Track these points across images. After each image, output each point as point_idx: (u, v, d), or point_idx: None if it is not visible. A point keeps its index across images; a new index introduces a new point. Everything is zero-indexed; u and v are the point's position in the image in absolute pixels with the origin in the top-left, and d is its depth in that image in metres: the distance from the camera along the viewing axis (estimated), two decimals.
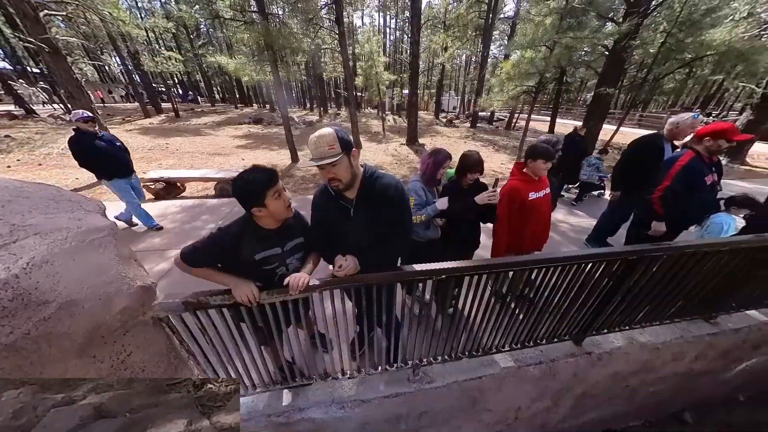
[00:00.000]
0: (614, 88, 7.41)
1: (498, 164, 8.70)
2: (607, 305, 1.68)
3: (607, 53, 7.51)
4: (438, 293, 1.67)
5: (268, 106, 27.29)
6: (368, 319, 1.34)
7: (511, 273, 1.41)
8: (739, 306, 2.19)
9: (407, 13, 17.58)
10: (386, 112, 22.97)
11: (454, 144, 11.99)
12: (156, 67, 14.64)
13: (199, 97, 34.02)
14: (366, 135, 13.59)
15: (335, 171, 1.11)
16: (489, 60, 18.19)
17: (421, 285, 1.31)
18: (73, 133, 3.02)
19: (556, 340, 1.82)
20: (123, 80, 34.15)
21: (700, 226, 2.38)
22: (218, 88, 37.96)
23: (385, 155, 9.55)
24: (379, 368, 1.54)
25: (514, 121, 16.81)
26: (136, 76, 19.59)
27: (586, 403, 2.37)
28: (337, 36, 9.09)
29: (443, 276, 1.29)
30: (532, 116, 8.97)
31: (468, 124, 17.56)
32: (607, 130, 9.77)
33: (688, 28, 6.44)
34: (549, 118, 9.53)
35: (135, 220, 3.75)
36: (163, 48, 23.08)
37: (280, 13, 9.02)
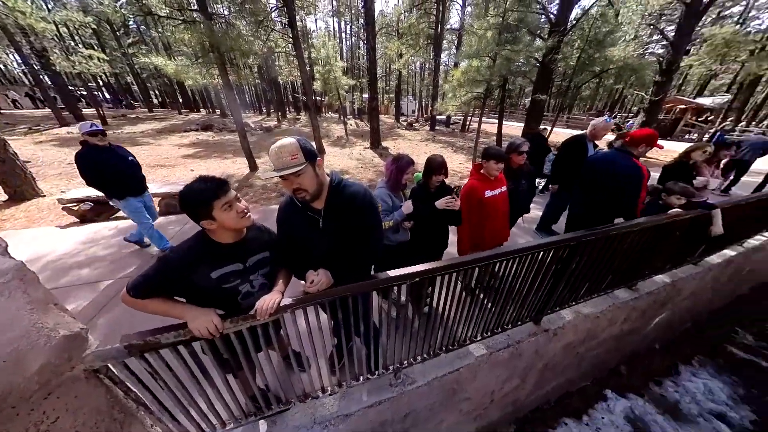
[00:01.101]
0: (545, 95, 8.35)
1: (457, 164, 9.14)
2: (557, 286, 1.85)
3: (538, 65, 8.40)
4: (413, 294, 1.67)
5: (218, 111, 25.09)
6: (346, 330, 1.27)
7: (477, 268, 1.47)
8: (650, 273, 2.58)
9: (362, 21, 17.63)
10: (348, 117, 22.74)
11: (416, 147, 12.30)
12: (73, 67, 12.38)
13: (133, 102, 29.89)
14: (328, 140, 13.27)
15: (300, 181, 1.04)
16: (441, 67, 19.11)
17: (396, 289, 1.28)
18: (80, 147, 2.64)
19: (519, 323, 1.95)
20: (28, 82, 28.37)
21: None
22: (156, 92, 33.75)
23: (350, 160, 9.41)
24: (361, 378, 1.48)
25: (468, 123, 17.88)
26: (46, 78, 16.32)
27: (547, 375, 2.58)
28: (291, 39, 8.72)
29: (417, 279, 1.28)
30: (483, 119, 9.63)
31: (427, 127, 18.20)
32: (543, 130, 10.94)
33: (596, 46, 7.64)
34: (497, 121, 10.34)
35: (147, 240, 3.32)
36: (81, 46, 19.70)
37: (226, 13, 8.33)
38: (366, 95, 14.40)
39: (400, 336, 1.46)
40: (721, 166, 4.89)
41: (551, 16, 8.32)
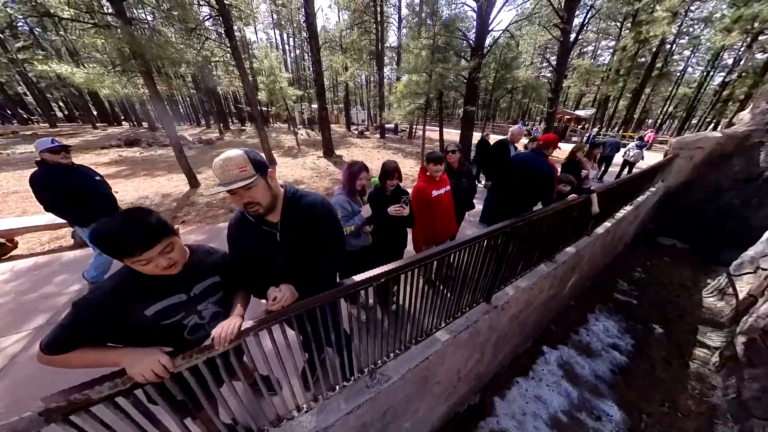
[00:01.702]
0: (474, 106, 9.30)
1: (408, 168, 9.48)
2: (500, 267, 2.04)
3: (465, 81, 9.30)
4: (380, 295, 1.66)
5: (146, 124, 21.53)
6: (317, 342, 1.19)
7: (435, 262, 1.53)
8: (562, 247, 3.05)
9: (305, 34, 17.13)
10: (298, 127, 21.76)
11: (369, 153, 12.38)
12: None
13: (29, 117, 23.65)
14: (279, 150, 12.48)
15: (251, 195, 0.93)
16: (385, 80, 19.72)
17: (363, 292, 1.25)
18: (36, 167, 2.15)
19: (474, 304, 2.10)
20: None
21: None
22: (61, 104, 27.40)
23: (304, 169, 9.00)
24: (337, 387, 1.40)
25: (414, 131, 18.77)
26: None
27: (500, 345, 2.83)
28: (229, 49, 7.99)
29: (383, 279, 1.27)
30: (427, 127, 10.25)
31: (378, 135, 18.52)
32: (476, 136, 12.13)
33: (505, 69, 8.92)
34: (438, 129, 11.13)
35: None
36: None
37: (150, 19, 7.21)
38: (315, 105, 14.05)
39: (371, 338, 1.43)
40: (596, 160, 6.16)
41: (471, 42, 9.35)
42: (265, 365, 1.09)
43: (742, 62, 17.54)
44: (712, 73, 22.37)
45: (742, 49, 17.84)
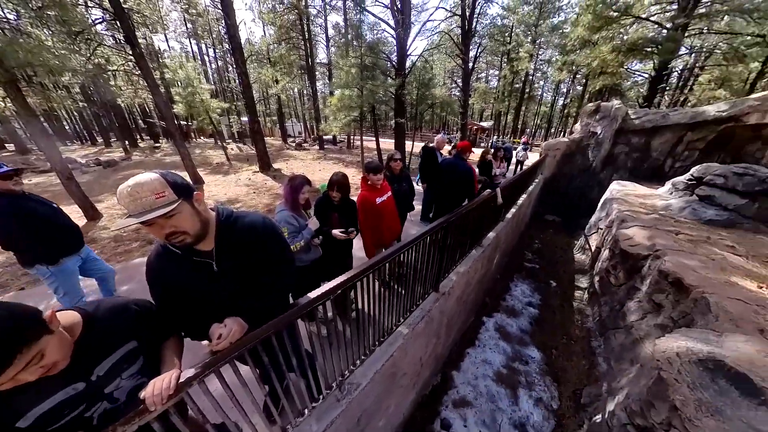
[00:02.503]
0: (403, 119, 9.96)
1: (350, 177, 9.39)
2: (443, 258, 2.20)
3: (393, 96, 9.87)
4: (339, 307, 1.58)
5: (11, 146, 15.66)
6: (277, 372, 1.04)
7: (387, 264, 1.55)
8: (486, 233, 3.52)
9: (227, 46, 15.29)
10: (227, 141, 19.17)
11: (310, 165, 11.79)
12: None
13: None
14: (207, 167, 10.75)
15: (175, 223, 0.75)
16: (319, 94, 19.26)
17: (321, 307, 1.16)
18: None
19: (426, 295, 2.21)
20: None
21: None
22: None
23: (238, 186, 7.96)
24: (306, 411, 1.26)
25: (352, 141, 18.79)
26: None
27: (451, 326, 3.04)
28: (131, 57, 6.52)
29: (339, 291, 1.21)
30: (364, 137, 10.41)
31: (317, 147, 17.86)
32: (407, 144, 12.94)
33: (425, 87, 9.89)
34: (374, 139, 11.47)
35: None
36: None
37: (12, 18, 5.28)
38: (246, 118, 12.67)
39: (335, 351, 1.34)
40: (501, 160, 7.40)
41: (394, 63, 10.02)
42: (218, 413, 0.90)
43: (570, 91, 24.82)
44: (556, 98, 29.63)
45: (570, 82, 24.60)
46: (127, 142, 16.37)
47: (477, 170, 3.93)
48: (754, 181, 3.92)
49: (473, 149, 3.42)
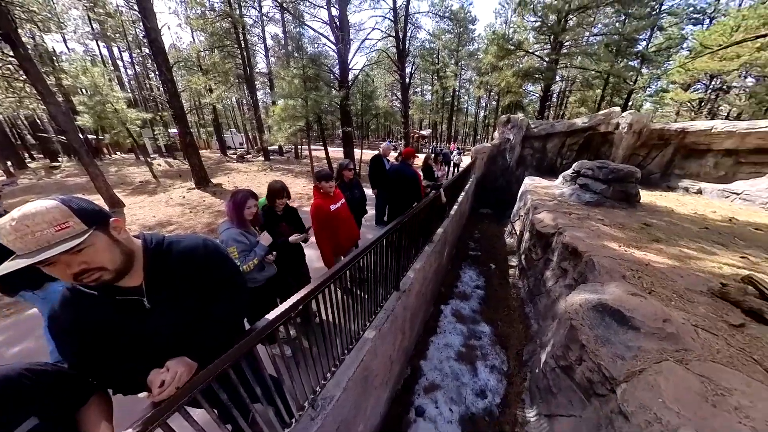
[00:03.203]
0: (350, 128, 10.05)
1: (301, 187, 8.93)
2: (400, 258, 2.29)
3: (339, 107, 9.86)
4: (302, 323, 1.49)
5: None
6: (239, 407, 0.93)
7: (348, 271, 1.53)
8: (435, 229, 3.82)
9: (146, 50, 12.79)
10: (152, 156, 15.97)
11: (255, 177, 10.74)
12: None
13: None
14: (127, 188, 8.75)
15: (86, 259, 0.60)
16: (261, 104, 17.80)
17: (283, 327, 1.09)
18: None
19: (389, 295, 2.26)
20: None
21: None
22: None
23: (170, 206, 6.71)
24: None
25: (300, 151, 17.88)
26: None
27: (414, 320, 3.17)
28: (13, 59, 4.95)
29: (300, 306, 1.14)
30: (312, 147, 10.04)
31: (262, 158, 16.41)
32: (356, 152, 13.02)
33: (369, 99, 10.22)
34: (323, 148, 11.21)
35: None
36: None
37: None
38: (175, 130, 10.82)
39: (303, 369, 1.26)
40: (441, 164, 8.14)
41: (336, 75, 10.05)
42: None
43: (488, 105, 29.31)
44: (477, 110, 34.33)
45: (487, 98, 28.95)
46: (9, 163, 11.94)
47: (422, 174, 4.24)
48: (608, 171, 5.29)
49: (417, 155, 3.65)
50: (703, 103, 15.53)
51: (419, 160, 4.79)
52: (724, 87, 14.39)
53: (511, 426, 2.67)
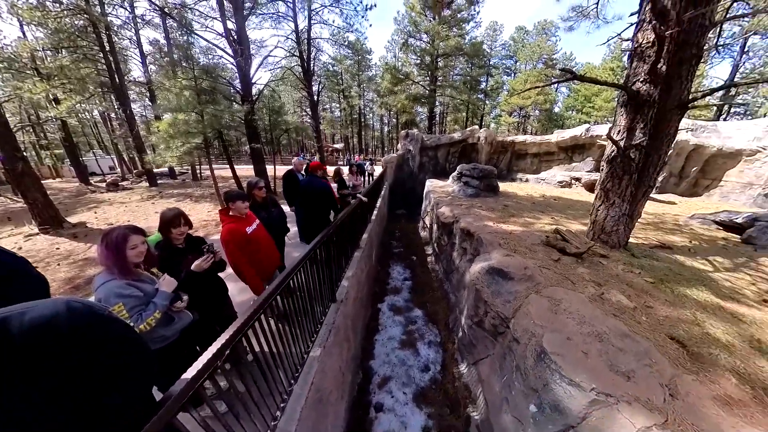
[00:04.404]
0: (258, 144, 8.97)
1: (206, 213, 7.21)
2: (331, 269, 2.22)
3: (244, 121, 8.61)
4: (231, 369, 1.27)
5: None
6: None
7: (278, 296, 1.38)
8: (361, 235, 3.95)
9: None
10: None
11: (139, 209, 7.87)
12: None
13: None
14: None
15: None
16: (138, 118, 13.11)
17: (209, 382, 0.93)
18: None
19: (327, 309, 2.21)
20: None
21: None
22: None
23: None
24: None
25: (199, 172, 14.22)
26: None
27: (356, 325, 3.14)
28: None
29: (227, 352, 0.98)
30: (215, 166, 8.26)
31: (146, 184, 12.06)
32: (269, 169, 11.57)
33: (276, 113, 9.51)
34: (228, 166, 9.49)
35: None
36: None
37: None
38: None
39: (246, 418, 1.10)
40: (356, 174, 8.48)
41: (238, 89, 8.79)
42: None
43: (389, 122, 33.31)
44: (382, 126, 38.01)
45: (389, 116, 32.80)
46: None
47: (336, 185, 4.22)
48: (479, 171, 7.07)
49: (328, 167, 3.70)
50: (519, 125, 25.86)
51: (331, 171, 4.64)
52: (527, 115, 24.71)
53: (452, 383, 3.06)
